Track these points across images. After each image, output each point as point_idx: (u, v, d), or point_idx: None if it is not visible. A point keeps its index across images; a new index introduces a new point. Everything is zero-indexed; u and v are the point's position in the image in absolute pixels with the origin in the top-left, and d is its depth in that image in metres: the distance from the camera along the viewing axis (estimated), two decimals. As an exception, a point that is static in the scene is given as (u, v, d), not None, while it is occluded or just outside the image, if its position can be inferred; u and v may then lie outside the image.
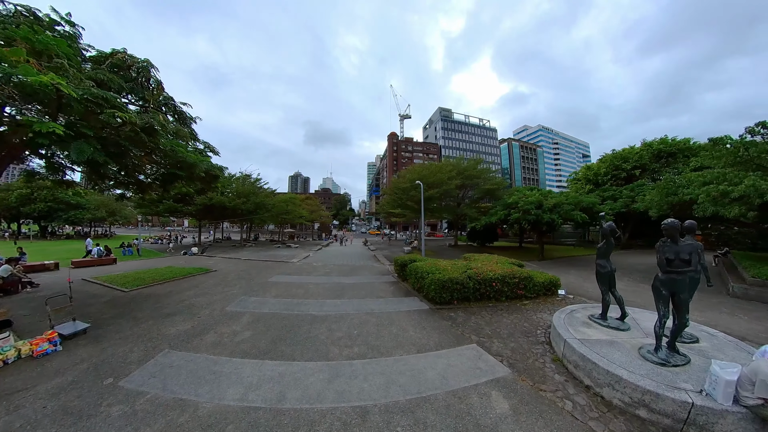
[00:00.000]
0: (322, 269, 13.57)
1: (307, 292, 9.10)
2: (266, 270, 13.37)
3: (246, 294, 8.94)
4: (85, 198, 47.39)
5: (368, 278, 11.53)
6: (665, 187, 15.88)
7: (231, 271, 13.23)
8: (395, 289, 9.91)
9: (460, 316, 7.28)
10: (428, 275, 8.23)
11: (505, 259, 12.09)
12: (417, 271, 9.06)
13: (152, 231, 64.62)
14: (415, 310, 7.66)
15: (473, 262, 10.78)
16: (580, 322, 5.66)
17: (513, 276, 8.93)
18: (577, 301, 9.01)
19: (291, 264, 15.38)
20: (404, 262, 10.74)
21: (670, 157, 33.63)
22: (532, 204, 18.15)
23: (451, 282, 7.82)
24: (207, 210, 27.48)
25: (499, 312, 7.57)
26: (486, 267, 9.44)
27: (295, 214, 34.70)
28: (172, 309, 7.65)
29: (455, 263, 10.02)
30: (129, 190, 9.47)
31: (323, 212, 51.25)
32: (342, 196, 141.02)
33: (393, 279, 11.42)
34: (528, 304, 8.39)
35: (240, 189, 26.06)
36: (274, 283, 10.53)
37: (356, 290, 9.52)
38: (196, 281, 10.96)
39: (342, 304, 7.90)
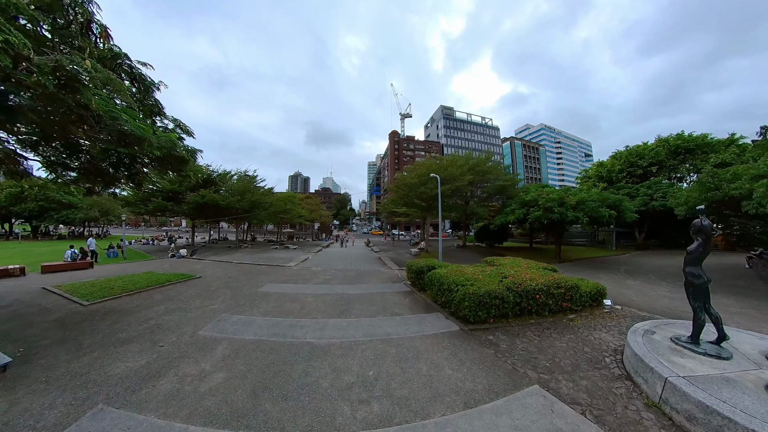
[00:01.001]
0: (323, 275, 11.87)
1: (304, 308, 7.40)
2: (259, 276, 11.68)
3: (229, 310, 7.24)
4: (78, 197, 45.88)
5: (377, 287, 9.82)
6: (707, 181, 14.19)
7: (218, 277, 11.54)
8: (411, 302, 8.21)
9: (502, 339, 5.67)
10: (458, 287, 6.56)
11: (535, 263, 10.42)
12: (440, 281, 7.37)
13: (146, 231, 63.02)
14: (443, 332, 5.99)
15: (502, 268, 9.10)
16: (665, 348, 4.37)
17: (558, 286, 7.38)
18: (629, 313, 7.59)
19: (287, 269, 13.67)
20: (420, 269, 9.05)
21: (688, 154, 32.03)
22: (554, 201, 16.47)
23: (490, 296, 6.15)
24: (200, 209, 25.79)
25: (547, 331, 6.07)
26: (522, 274, 7.81)
27: (293, 214, 33.00)
28: (132, 332, 5.98)
29: (483, 270, 8.35)
30: (88, 180, 7.78)
31: (323, 212, 49.53)
32: (342, 196, 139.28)
33: (406, 288, 9.72)
34: (577, 319, 6.91)
35: (234, 186, 24.32)
36: (265, 294, 8.82)
37: (364, 304, 7.81)
38: (173, 291, 9.27)
39: (348, 325, 6.19)
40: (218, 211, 25.66)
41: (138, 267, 14.54)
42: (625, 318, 7.17)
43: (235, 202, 23.38)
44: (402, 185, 20.55)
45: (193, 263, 15.72)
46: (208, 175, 26.16)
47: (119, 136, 4.36)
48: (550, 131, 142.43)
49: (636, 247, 30.81)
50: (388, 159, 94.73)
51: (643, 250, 29.87)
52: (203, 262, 16.38)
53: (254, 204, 25.43)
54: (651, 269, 17.30)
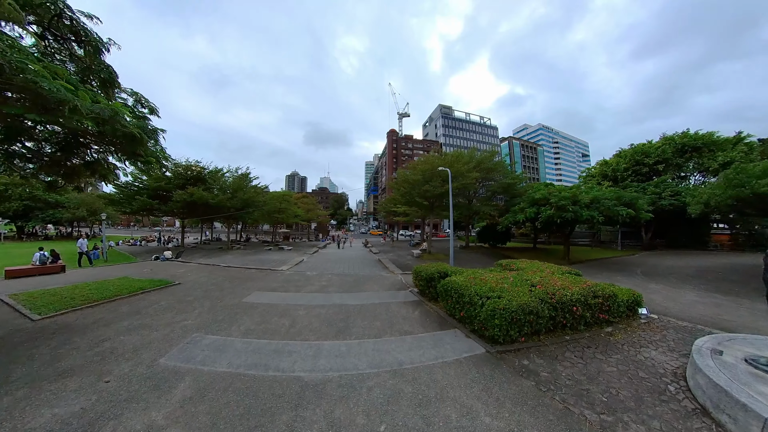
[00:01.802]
0: (318, 281, 10.61)
1: (295, 325, 6.15)
2: (246, 283, 10.39)
3: (203, 328, 5.99)
4: (65, 196, 44.27)
5: (380, 296, 8.59)
6: (733, 177, 13.19)
7: (200, 284, 10.24)
8: (422, 315, 7.00)
9: (540, 364, 4.60)
10: (483, 301, 5.38)
11: (557, 267, 9.34)
12: (459, 292, 6.17)
13: (135, 232, 61.22)
14: (467, 357, 4.82)
15: (524, 273, 7.96)
16: (745, 374, 3.56)
17: (594, 295, 6.28)
18: (668, 324, 6.67)
19: (279, 274, 12.38)
20: (430, 276, 7.84)
21: (695, 152, 31.23)
22: (568, 199, 15.38)
23: (524, 312, 5.00)
24: (189, 208, 24.39)
25: (588, 351, 5.07)
26: (552, 282, 6.73)
27: (289, 214, 31.66)
28: (78, 359, 4.74)
29: (504, 276, 7.19)
30: (46, 172, 6.51)
31: (320, 211, 48.16)
32: (339, 196, 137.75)
33: (414, 297, 8.51)
34: (616, 333, 5.96)
35: (225, 184, 22.90)
36: (250, 306, 7.56)
37: (367, 319, 6.58)
38: (144, 302, 7.98)
39: (349, 350, 4.96)
40: (208, 210, 24.27)
41: (115, 271, 13.19)
42: (666, 330, 6.23)
43: (226, 201, 21.99)
44: (403, 183, 19.30)
45: (177, 267, 14.39)
46: (198, 172, 24.78)
47: (36, 100, 3.11)
48: (547, 131, 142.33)
49: (642, 248, 29.97)
50: (386, 158, 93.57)
51: (650, 250, 29.02)
52: (188, 265, 15.05)
53: (247, 203, 24.06)
54: (668, 271, 16.32)
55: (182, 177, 24.48)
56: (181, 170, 24.33)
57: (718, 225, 32.62)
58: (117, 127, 3.68)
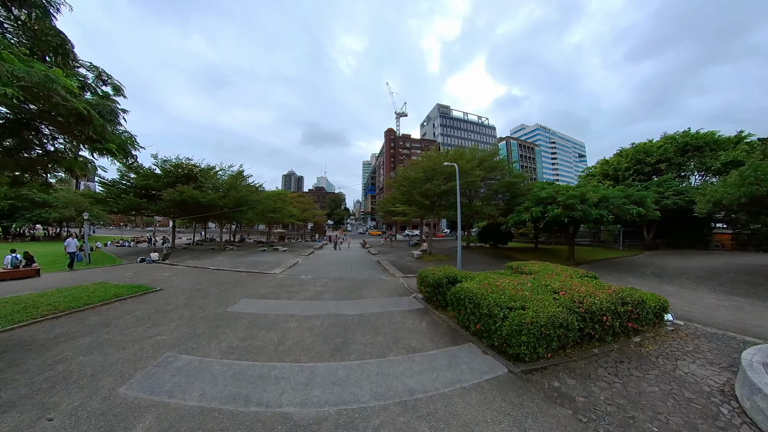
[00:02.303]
0: (312, 286, 9.78)
1: (284, 341, 5.33)
2: (234, 288, 9.54)
3: (178, 345, 5.16)
4: (53, 195, 42.92)
5: (381, 303, 7.79)
6: (749, 175, 12.62)
7: (183, 290, 9.37)
8: (430, 326, 6.23)
9: (573, 386, 3.96)
10: (505, 313, 4.65)
11: (573, 269, 8.68)
12: (474, 301, 5.41)
13: (125, 232, 59.73)
14: (489, 380, 4.09)
15: (541, 277, 7.26)
16: None
17: (623, 301, 5.64)
18: (697, 331, 6.20)
19: (271, 277, 11.52)
20: (438, 282, 7.07)
21: (697, 151, 30.96)
22: (576, 198, 14.73)
23: (554, 325, 4.29)
24: (180, 207, 23.40)
25: (621, 366, 4.51)
26: (574, 287, 6.06)
27: (284, 213, 30.73)
28: (22, 387, 3.91)
29: (520, 281, 6.46)
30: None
31: (317, 211, 47.20)
32: (337, 195, 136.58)
33: (418, 304, 7.73)
34: (647, 344, 5.43)
35: (216, 182, 21.91)
36: (235, 316, 6.73)
37: (368, 333, 5.78)
38: (116, 312, 7.12)
39: (348, 375, 4.16)
40: (200, 209, 23.30)
41: (94, 275, 12.25)
42: (697, 338, 5.77)
43: (217, 200, 21.02)
44: (403, 181, 18.46)
45: (162, 270, 13.47)
46: (190, 170, 23.77)
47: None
48: (545, 131, 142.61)
49: (645, 247, 29.59)
50: (383, 157, 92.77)
51: (653, 250, 28.66)
52: (175, 268, 14.13)
53: (240, 202, 23.10)
54: (678, 272, 15.83)
55: (172, 175, 23.47)
56: (171, 168, 23.33)
57: (715, 225, 32.37)
58: (56, 100, 2.87)
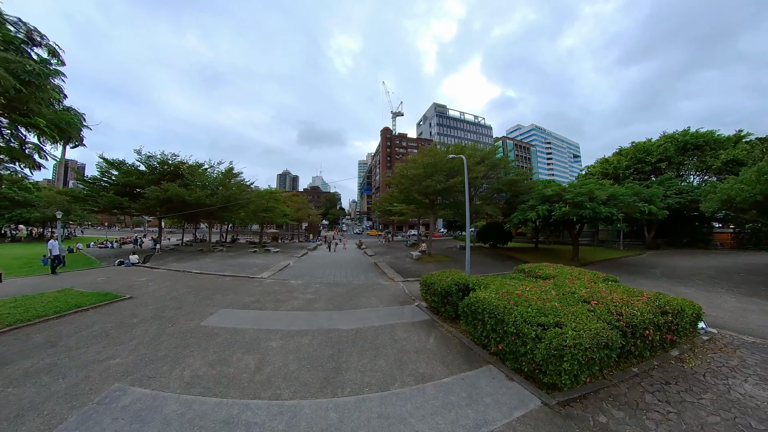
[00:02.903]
0: (302, 293, 8.76)
1: (263, 366, 4.32)
2: (214, 295, 8.48)
3: (132, 373, 4.13)
4: (35, 194, 41.19)
5: (380, 314, 6.81)
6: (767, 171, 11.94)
7: (157, 298, 8.29)
8: (439, 343, 5.28)
9: (622, 420, 3.29)
10: (537, 332, 3.74)
11: (591, 272, 7.87)
12: (496, 315, 4.49)
13: (115, 232, 57.80)
14: (521, 417, 3.23)
15: (561, 281, 6.41)
16: None
17: (662, 311, 4.93)
18: (733, 340, 5.66)
19: (258, 282, 10.45)
20: (447, 291, 6.11)
21: (697, 150, 30.66)
22: (584, 195, 13.96)
23: (598, 346, 3.41)
24: (165, 206, 22.17)
25: (669, 390, 3.90)
26: (605, 295, 5.27)
27: (277, 213, 29.53)
28: None
29: (543, 289, 5.60)
30: None
31: (311, 211, 45.98)
32: (332, 195, 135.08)
33: (423, 314, 6.78)
34: (689, 359, 4.78)
35: (203, 178, 20.66)
36: (209, 332, 5.70)
37: (366, 354, 4.78)
38: (70, 327, 6.04)
39: (341, 419, 3.15)
40: (186, 208, 22.11)
41: (62, 281, 11.07)
42: (738, 349, 5.25)
43: (205, 198, 19.82)
44: (402, 178, 17.44)
45: (140, 274, 12.33)
46: (176, 167, 22.52)
47: None
48: (540, 132, 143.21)
49: (645, 247, 29.18)
50: (379, 156, 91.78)
51: (654, 249, 28.23)
52: (155, 272, 12.99)
53: (229, 200, 21.92)
54: (688, 272, 15.26)
55: (158, 172, 22.22)
56: (157, 164, 22.07)
57: (714, 224, 32.21)
58: None
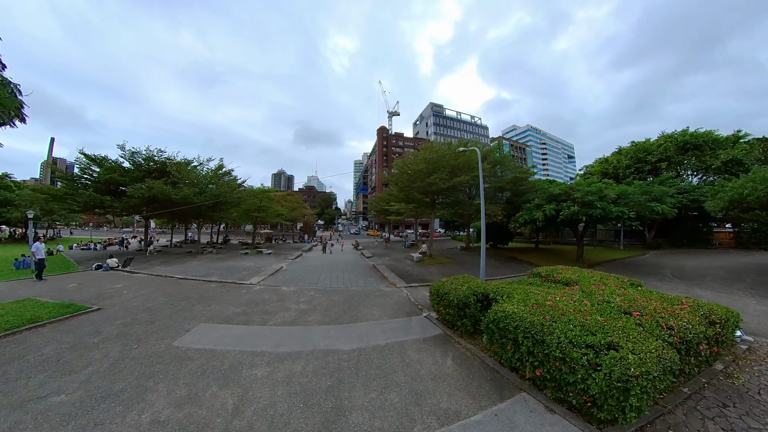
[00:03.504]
0: (295, 302, 7.81)
1: (243, 407, 3.38)
2: (195, 306, 7.49)
3: (72, 418, 3.16)
4: (16, 192, 39.34)
5: (385, 329, 5.89)
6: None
7: (129, 309, 7.28)
8: (459, 366, 4.42)
9: None
10: (588, 357, 2.95)
11: (612, 276, 7.18)
12: (534, 335, 3.70)
13: (102, 233, 55.79)
14: None
15: (587, 287, 5.66)
16: None
17: (711, 321, 4.30)
18: None
19: (245, 289, 9.43)
20: (464, 302, 5.26)
21: (696, 149, 30.50)
22: (594, 194, 13.27)
23: (664, 371, 2.68)
24: (150, 205, 20.96)
25: (730, 414, 3.34)
26: (644, 303, 4.49)
27: (270, 212, 28.46)
28: None
29: (576, 298, 4.77)
30: None
31: (306, 210, 44.82)
32: (327, 195, 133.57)
33: (433, 327, 5.90)
34: (736, 374, 4.20)
35: (190, 176, 19.48)
36: (182, 354, 4.75)
37: (372, 386, 3.86)
38: (16, 348, 5.02)
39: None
40: (173, 207, 20.93)
41: (27, 288, 9.94)
42: None
43: (192, 197, 18.67)
44: (401, 176, 16.45)
45: (117, 279, 11.24)
46: (162, 164, 21.31)
47: None
48: (536, 132, 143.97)
49: (646, 247, 28.91)
50: (375, 156, 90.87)
51: (655, 249, 27.95)
52: (134, 277, 11.90)
53: (218, 199, 20.78)
54: (698, 272, 14.81)
55: (143, 169, 21.00)
56: (142, 161, 20.84)
57: (711, 224, 32.24)
58: None
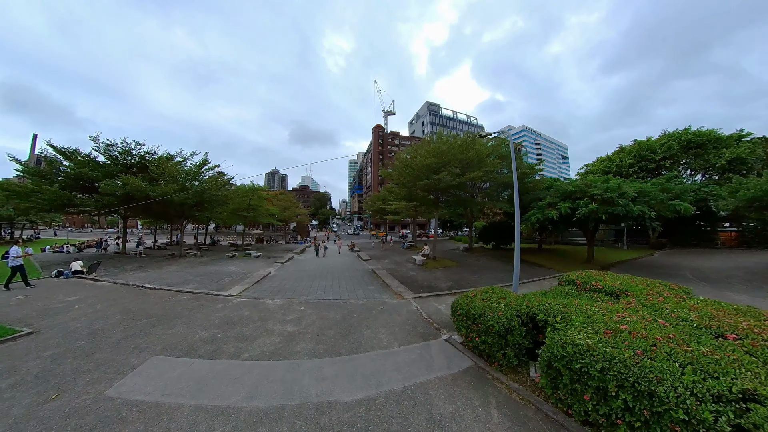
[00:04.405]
0: (280, 322, 6.32)
1: None
2: (154, 328, 5.98)
3: None
4: (-14, 192, 36.67)
5: (398, 364, 4.42)
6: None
7: (69, 332, 5.74)
8: (506, 418, 3.07)
9: None
10: (728, 414, 1.64)
11: (661, 282, 5.98)
12: (636, 383, 2.35)
13: (71, 234, 52.96)
14: None
15: (643, 298, 4.40)
16: None
17: None
18: None
19: (222, 303, 7.86)
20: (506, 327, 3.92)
21: (700, 148, 29.97)
22: (615, 191, 12.14)
23: None
24: (125, 202, 19.18)
25: None
26: (735, 323, 3.07)
27: (261, 212, 26.77)
28: None
29: (639, 313, 3.47)
30: None
31: (299, 210, 43.07)
32: (322, 194, 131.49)
33: (461, 357, 4.53)
34: None
35: (169, 170, 17.67)
36: (112, 415, 3.26)
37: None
38: None
39: None
40: (152, 205, 19.20)
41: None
42: None
43: (171, 193, 16.97)
44: (404, 171, 14.89)
45: (75, 290, 9.60)
46: (141, 158, 19.53)
47: None
48: (531, 133, 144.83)
49: (651, 247, 28.25)
50: (371, 155, 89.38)
51: (660, 249, 27.27)
52: (96, 286, 10.25)
53: (202, 197, 19.08)
54: (717, 274, 14.11)
55: (120, 164, 19.21)
56: (119, 155, 19.05)
57: (716, 223, 31.83)
58: None
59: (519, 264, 7.18)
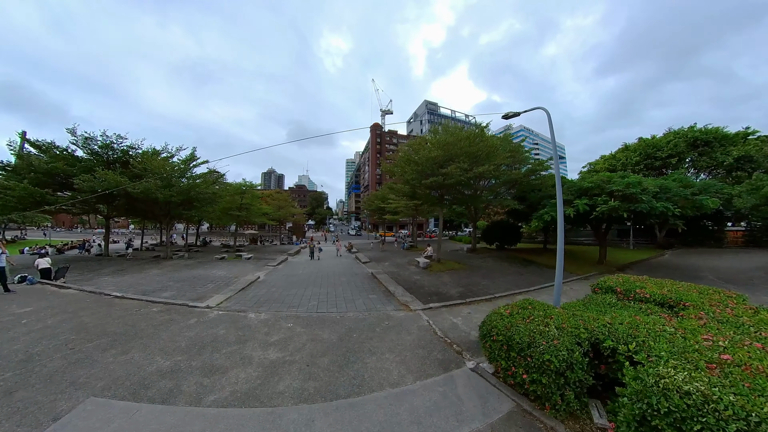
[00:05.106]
0: (261, 345, 5.09)
1: None
2: (107, 351, 4.82)
3: None
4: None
5: (417, 411, 3.25)
6: None
7: (1, 357, 4.57)
8: None
9: None
10: None
11: (715, 290, 4.92)
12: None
13: (56, 233, 51.20)
14: None
15: (710, 312, 3.26)
16: None
17: None
18: None
19: (196, 317, 6.63)
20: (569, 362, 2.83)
21: (706, 146, 29.34)
22: (637, 187, 11.16)
23: None
24: (105, 200, 17.89)
25: None
26: None
27: (254, 211, 25.52)
28: None
29: (727, 336, 2.36)
30: None
31: (295, 209, 41.74)
32: (319, 194, 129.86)
33: (498, 398, 3.45)
34: None
35: (152, 165, 16.32)
36: None
37: None
38: None
39: None
40: (134, 204, 17.92)
41: None
42: None
43: (156, 191, 15.68)
44: (408, 166, 13.60)
45: (32, 299, 8.35)
46: (124, 153, 18.20)
47: None
48: (529, 133, 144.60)
49: (658, 246, 27.48)
50: (368, 154, 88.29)
51: (668, 249, 26.53)
52: (60, 294, 9.01)
53: (189, 195, 17.77)
54: (737, 275, 13.46)
55: (101, 159, 17.89)
56: (98, 149, 17.71)
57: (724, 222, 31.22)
58: None
59: (562, 271, 6.03)
